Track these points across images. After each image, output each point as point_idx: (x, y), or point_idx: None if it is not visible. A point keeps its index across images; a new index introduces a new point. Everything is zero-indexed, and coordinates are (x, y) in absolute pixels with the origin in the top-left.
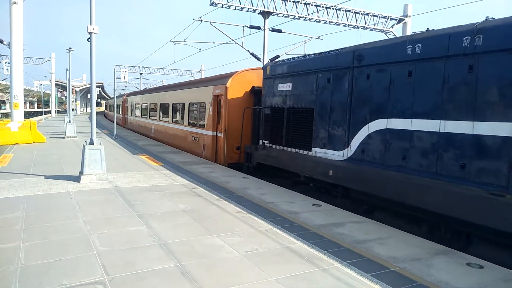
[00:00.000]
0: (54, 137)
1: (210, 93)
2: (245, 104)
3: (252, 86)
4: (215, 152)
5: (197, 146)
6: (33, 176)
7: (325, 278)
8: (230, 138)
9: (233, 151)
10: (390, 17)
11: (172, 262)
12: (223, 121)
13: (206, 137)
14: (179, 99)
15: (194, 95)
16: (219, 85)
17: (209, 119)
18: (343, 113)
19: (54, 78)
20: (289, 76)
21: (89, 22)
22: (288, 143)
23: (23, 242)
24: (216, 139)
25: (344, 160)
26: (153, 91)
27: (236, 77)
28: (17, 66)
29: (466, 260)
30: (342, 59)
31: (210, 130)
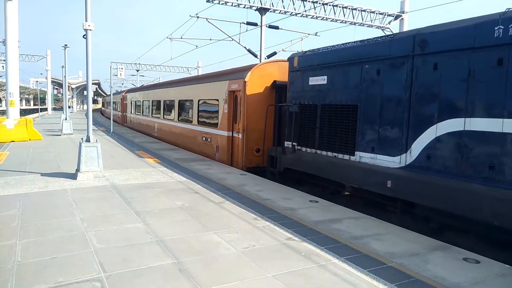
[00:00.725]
0: (51, 134)
1: (224, 89)
2: (265, 101)
3: (273, 80)
4: (231, 154)
5: (209, 148)
6: (29, 173)
7: (322, 274)
8: (249, 139)
9: (253, 153)
10: (387, 14)
11: (169, 259)
12: (241, 120)
13: (220, 137)
14: (187, 95)
15: (205, 91)
16: (236, 80)
17: (224, 117)
18: (399, 111)
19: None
20: (323, 68)
21: (84, 18)
22: (323, 145)
23: (20, 240)
24: (232, 140)
25: (403, 168)
26: (156, 87)
27: (256, 70)
28: (13, 63)
29: (463, 255)
30: (397, 46)
31: (224, 130)
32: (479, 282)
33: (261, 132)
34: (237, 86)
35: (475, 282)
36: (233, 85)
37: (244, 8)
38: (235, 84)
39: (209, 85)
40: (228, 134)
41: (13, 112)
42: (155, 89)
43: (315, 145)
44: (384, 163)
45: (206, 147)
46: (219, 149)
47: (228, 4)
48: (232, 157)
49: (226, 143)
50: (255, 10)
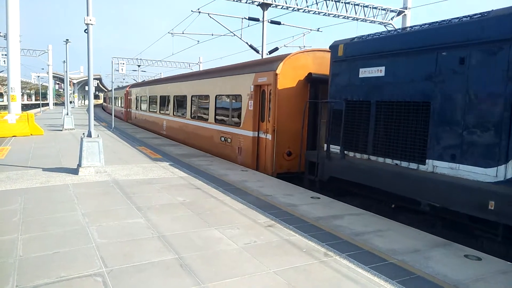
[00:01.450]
0: (52, 129)
1: (249, 83)
2: (298, 97)
3: (308, 73)
4: (256, 157)
5: (229, 149)
6: (31, 168)
7: (323, 270)
8: (280, 140)
9: (283, 157)
10: (390, 9)
11: (171, 254)
12: (271, 118)
13: (244, 138)
14: (202, 90)
15: (225, 86)
16: (265, 72)
17: (248, 115)
18: (496, 110)
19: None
20: (380, 57)
21: (86, 13)
22: (378, 150)
23: (21, 235)
24: (258, 141)
25: (505, 184)
26: (164, 81)
27: (289, 61)
28: (14, 58)
29: (464, 252)
30: (490, 27)
31: (249, 129)
32: (480, 279)
33: (293, 133)
34: (266, 79)
35: (476, 279)
36: (260, 78)
37: (246, 3)
38: (263, 77)
39: (230, 78)
40: (254, 135)
41: (15, 107)
42: (163, 83)
43: (367, 150)
44: (471, 176)
45: (225, 149)
46: (241, 151)
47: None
48: (258, 161)
49: (250, 144)
50: (257, 6)
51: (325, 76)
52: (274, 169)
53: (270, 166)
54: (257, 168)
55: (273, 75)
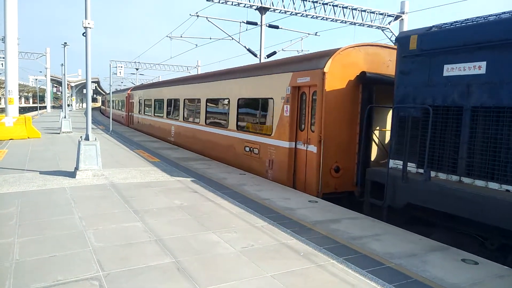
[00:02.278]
0: (49, 132)
1: (285, 84)
2: (348, 100)
3: (360, 71)
4: (293, 173)
5: (256, 161)
6: (28, 171)
7: (321, 274)
8: (327, 153)
9: (330, 174)
10: (387, 14)
11: (168, 258)
12: (316, 126)
13: (277, 149)
14: (219, 93)
15: (251, 88)
16: (307, 71)
17: (282, 122)
18: None
19: (49, 73)
20: (479, 49)
21: (84, 16)
22: (476, 171)
23: (18, 238)
24: (296, 153)
25: None
26: (173, 83)
27: (338, 57)
28: (12, 61)
29: (461, 256)
30: None
31: (283, 139)
32: (477, 283)
33: (342, 144)
34: (309, 79)
35: (473, 283)
36: (300, 78)
37: (244, 7)
38: (304, 77)
39: (258, 79)
40: (290, 146)
41: (12, 110)
42: (172, 85)
43: (457, 169)
44: None
45: (250, 161)
46: (273, 164)
47: (228, 3)
48: (296, 178)
49: (286, 157)
50: (255, 10)
51: (382, 76)
52: (320, 188)
53: (314, 185)
54: (295, 186)
55: (320, 74)
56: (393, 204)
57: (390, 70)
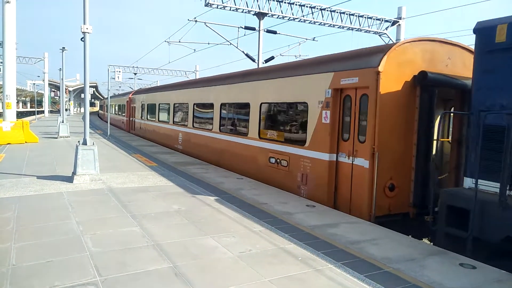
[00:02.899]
0: (47, 137)
1: (323, 86)
2: (404, 105)
3: (419, 71)
4: (334, 190)
5: (284, 175)
6: (25, 176)
7: (318, 279)
8: (382, 169)
9: (384, 193)
10: (384, 19)
11: (166, 263)
12: (368, 136)
13: (313, 162)
14: (238, 97)
15: (278, 91)
16: (355, 70)
17: (320, 131)
18: None
19: (47, 77)
20: None
21: (82, 21)
22: None
23: (15, 243)
24: (337, 168)
25: None
26: (181, 86)
27: (394, 54)
28: (10, 66)
29: (459, 260)
30: None
31: (322, 150)
32: (475, 287)
33: (397, 157)
34: (357, 80)
35: (471, 287)
36: (344, 79)
37: (242, 12)
38: (350, 77)
39: (287, 81)
40: (330, 158)
41: (10, 114)
42: (180, 89)
43: None
44: None
45: (277, 174)
46: (308, 180)
47: (226, 9)
48: (337, 196)
49: (325, 172)
50: (253, 15)
51: (447, 77)
52: (374, 211)
53: (365, 206)
54: (336, 205)
55: (372, 74)
56: (484, 237)
57: (448, 70)
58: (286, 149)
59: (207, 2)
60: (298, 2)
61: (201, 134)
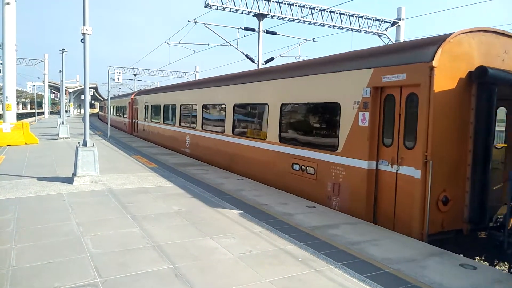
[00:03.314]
0: (47, 138)
1: (360, 84)
2: (458, 106)
3: (477, 67)
4: (373, 203)
5: (310, 184)
6: (25, 177)
7: (319, 280)
8: (435, 179)
9: (437, 207)
10: (384, 20)
11: (166, 264)
12: (419, 142)
13: (347, 170)
14: (254, 97)
15: (302, 91)
16: (400, 66)
17: (356, 135)
18: None
19: (47, 79)
20: None
21: (82, 23)
22: None
23: (15, 244)
24: (378, 177)
25: None
26: (188, 87)
27: (448, 46)
28: (10, 67)
29: (460, 261)
30: None
31: (358, 157)
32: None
33: (452, 166)
34: (404, 77)
35: None
36: (387, 76)
37: (242, 13)
38: (395, 74)
39: (313, 80)
40: (369, 166)
41: (10, 116)
42: (187, 89)
43: None
44: None
45: (301, 182)
46: (341, 190)
47: (226, 10)
48: (377, 210)
49: (362, 182)
50: (253, 16)
51: (509, 74)
52: (427, 228)
53: (416, 223)
54: (375, 220)
55: (424, 70)
56: None
57: (505, 65)
58: (314, 155)
59: (207, 3)
60: (297, 3)
61: (211, 137)
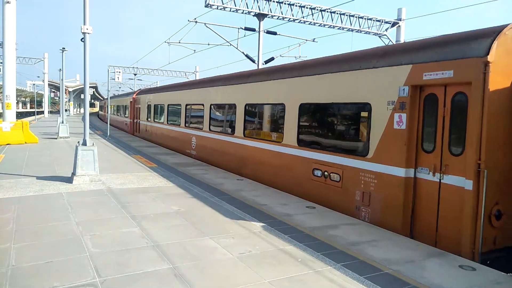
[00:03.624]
0: (47, 137)
1: (395, 82)
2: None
3: None
4: (411, 215)
5: (335, 192)
6: (24, 177)
7: (318, 281)
8: (488, 191)
9: (489, 223)
10: (384, 21)
11: (165, 264)
12: (471, 148)
13: (379, 178)
14: (269, 97)
15: (326, 89)
16: (446, 62)
17: (390, 139)
18: None
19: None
20: None
21: (82, 22)
22: None
23: (14, 244)
24: (416, 187)
25: None
26: (194, 85)
27: (503, 40)
28: (10, 66)
29: (459, 262)
30: None
31: (393, 163)
32: None
33: (505, 175)
34: (451, 74)
35: None
36: (429, 73)
37: (242, 13)
38: (440, 71)
39: (340, 77)
40: (407, 174)
41: (10, 115)
42: (193, 88)
43: None
44: None
45: (325, 190)
46: (372, 200)
47: (226, 10)
48: (415, 223)
49: (399, 191)
50: (253, 16)
51: None
52: (480, 246)
53: (468, 240)
54: (413, 234)
55: (477, 66)
56: None
57: None
58: (339, 160)
59: (207, 3)
60: (298, 3)
61: (220, 139)
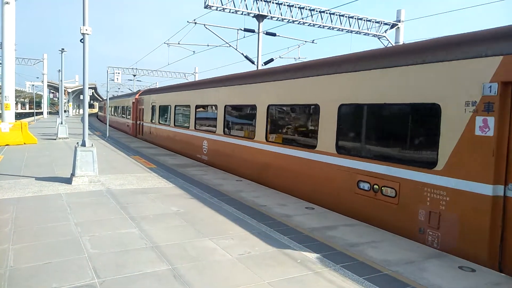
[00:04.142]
0: (46, 138)
1: (476, 79)
2: None
3: None
4: (500, 243)
5: (392, 210)
6: (23, 177)
7: (317, 282)
8: None
9: None
10: (383, 22)
11: (164, 265)
12: None
13: (454, 196)
14: (298, 97)
15: (375, 88)
16: None
17: (470, 148)
18: None
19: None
20: None
21: (82, 22)
22: None
23: (13, 245)
24: (506, 207)
25: None
26: (205, 85)
27: None
28: (9, 67)
29: (458, 263)
30: None
31: (476, 178)
32: None
33: None
34: None
35: None
36: None
37: (241, 14)
38: None
39: (393, 73)
40: (494, 193)
41: (8, 115)
42: (204, 88)
43: None
44: None
45: (375, 206)
46: (442, 222)
47: (226, 11)
48: (504, 252)
49: (484, 214)
50: (253, 17)
51: None
52: None
53: None
54: (502, 266)
55: None
56: None
57: None
58: (394, 171)
59: (207, 4)
60: (297, 5)
61: (236, 143)
